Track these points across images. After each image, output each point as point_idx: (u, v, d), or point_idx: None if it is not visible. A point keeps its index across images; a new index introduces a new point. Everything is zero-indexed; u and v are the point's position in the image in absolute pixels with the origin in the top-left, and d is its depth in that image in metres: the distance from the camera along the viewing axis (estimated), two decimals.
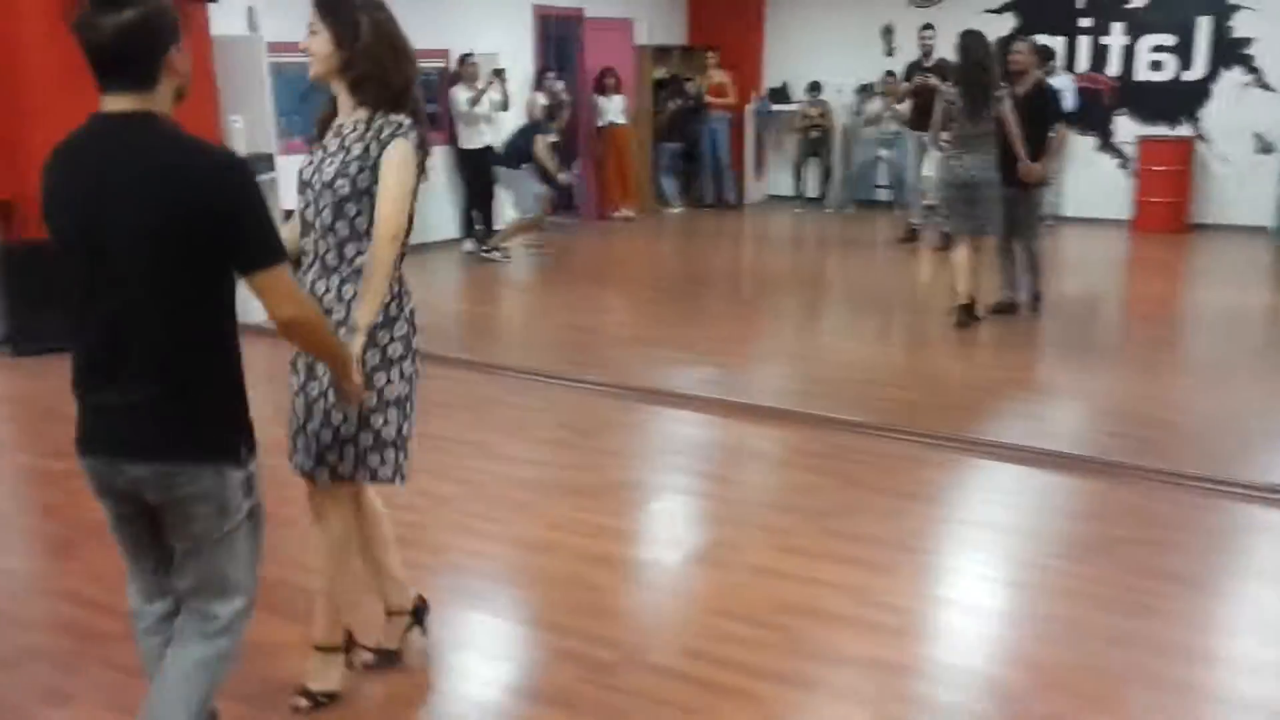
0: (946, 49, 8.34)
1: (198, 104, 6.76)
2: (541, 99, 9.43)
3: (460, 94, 9.07)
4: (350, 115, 2.56)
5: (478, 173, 9.32)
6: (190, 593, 2.15)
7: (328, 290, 2.55)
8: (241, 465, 2.10)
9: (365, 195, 2.51)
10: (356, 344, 2.42)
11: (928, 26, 9.45)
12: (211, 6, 6.94)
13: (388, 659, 2.92)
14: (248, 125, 7.14)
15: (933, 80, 8.68)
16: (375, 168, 2.49)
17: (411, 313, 2.65)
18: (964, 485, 4.25)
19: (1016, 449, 4.41)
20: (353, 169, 2.49)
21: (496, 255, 9.16)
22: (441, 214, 9.59)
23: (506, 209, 9.78)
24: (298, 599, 3.07)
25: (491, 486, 4.15)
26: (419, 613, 3.00)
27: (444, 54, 9.41)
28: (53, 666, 2.93)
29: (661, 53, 12.08)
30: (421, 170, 2.60)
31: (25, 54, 6.51)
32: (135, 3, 1.92)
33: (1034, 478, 4.23)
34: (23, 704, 2.78)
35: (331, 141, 2.56)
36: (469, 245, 9.41)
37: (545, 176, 9.22)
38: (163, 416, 2.01)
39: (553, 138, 9.36)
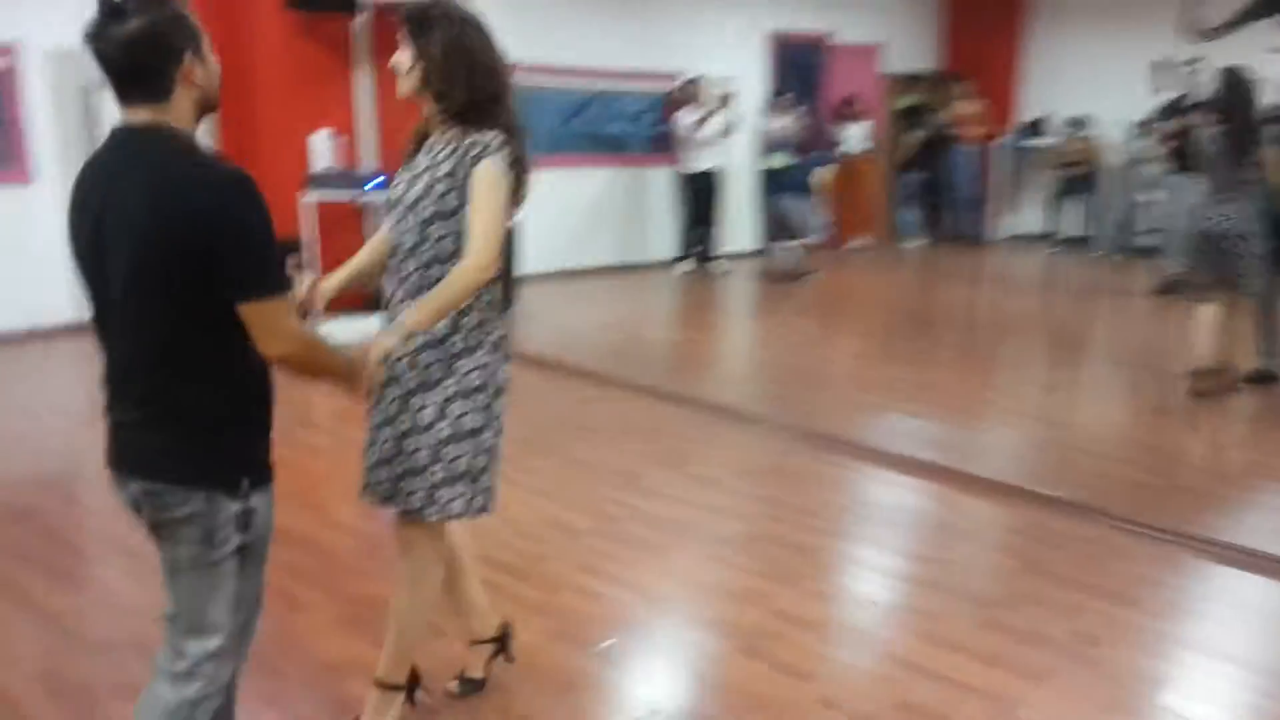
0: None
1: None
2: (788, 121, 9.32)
3: (685, 117, 8.94)
4: (442, 133, 2.39)
5: (700, 195, 9.16)
6: (170, 622, 1.99)
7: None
8: (238, 498, 1.92)
9: (451, 216, 2.32)
10: (392, 338, 2.20)
11: (1192, 61, 8.41)
12: None
13: (473, 687, 2.76)
14: None
15: (1196, 120, 7.70)
16: (463, 188, 2.30)
17: (499, 340, 2.43)
18: (1176, 589, 3.56)
19: (1252, 553, 3.68)
20: (439, 188, 2.32)
21: (724, 266, 9.23)
22: (661, 236, 9.51)
23: (731, 230, 9.60)
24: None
25: (628, 524, 3.88)
26: (504, 640, 2.80)
27: (673, 77, 9.35)
28: (138, 655, 2.90)
29: (909, 80, 11.51)
30: (517, 191, 2.40)
31: (256, 70, 6.90)
32: (143, 11, 1.79)
33: (1271, 592, 3.50)
34: (94, 689, 2.77)
35: (422, 159, 2.40)
36: (685, 267, 9.28)
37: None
38: (159, 435, 1.89)
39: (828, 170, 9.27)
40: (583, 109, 9.18)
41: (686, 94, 9.10)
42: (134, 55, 1.81)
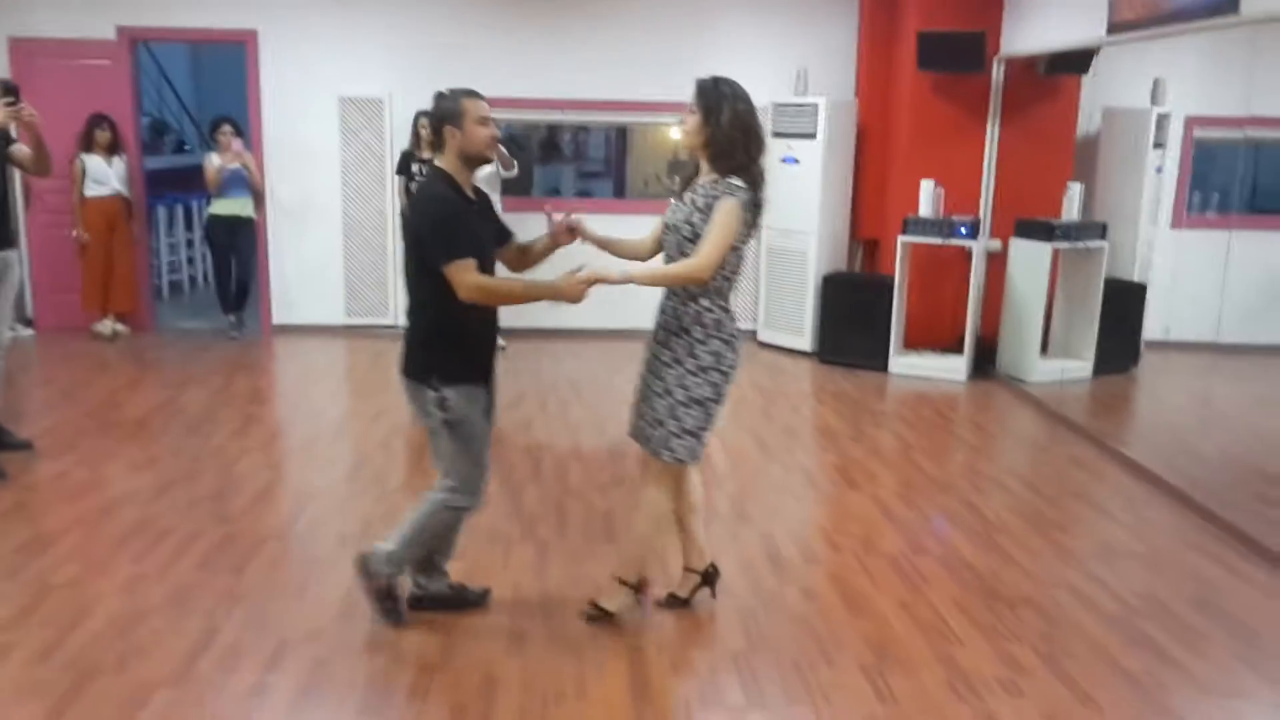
0: None
1: (1050, 169, 7.61)
2: None
3: None
4: (706, 176, 3.41)
5: None
6: None
7: (670, 309, 3.45)
8: (433, 388, 3.35)
9: (700, 239, 3.31)
10: (615, 270, 3.31)
11: None
12: (1116, 78, 7.68)
13: (677, 602, 3.83)
14: (1083, 195, 7.47)
15: None
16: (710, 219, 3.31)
17: (732, 335, 3.44)
18: None
19: None
20: (695, 218, 3.35)
21: None
22: None
23: None
24: None
25: None
26: (709, 576, 3.81)
27: None
28: None
29: None
30: (752, 227, 3.37)
31: (897, 121, 8.18)
32: (436, 99, 3.42)
33: None
34: None
35: (687, 195, 3.45)
36: None
37: None
38: (404, 347, 3.46)
39: None
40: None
41: None
42: (431, 124, 3.44)
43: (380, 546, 3.58)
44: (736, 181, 3.33)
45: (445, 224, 3.26)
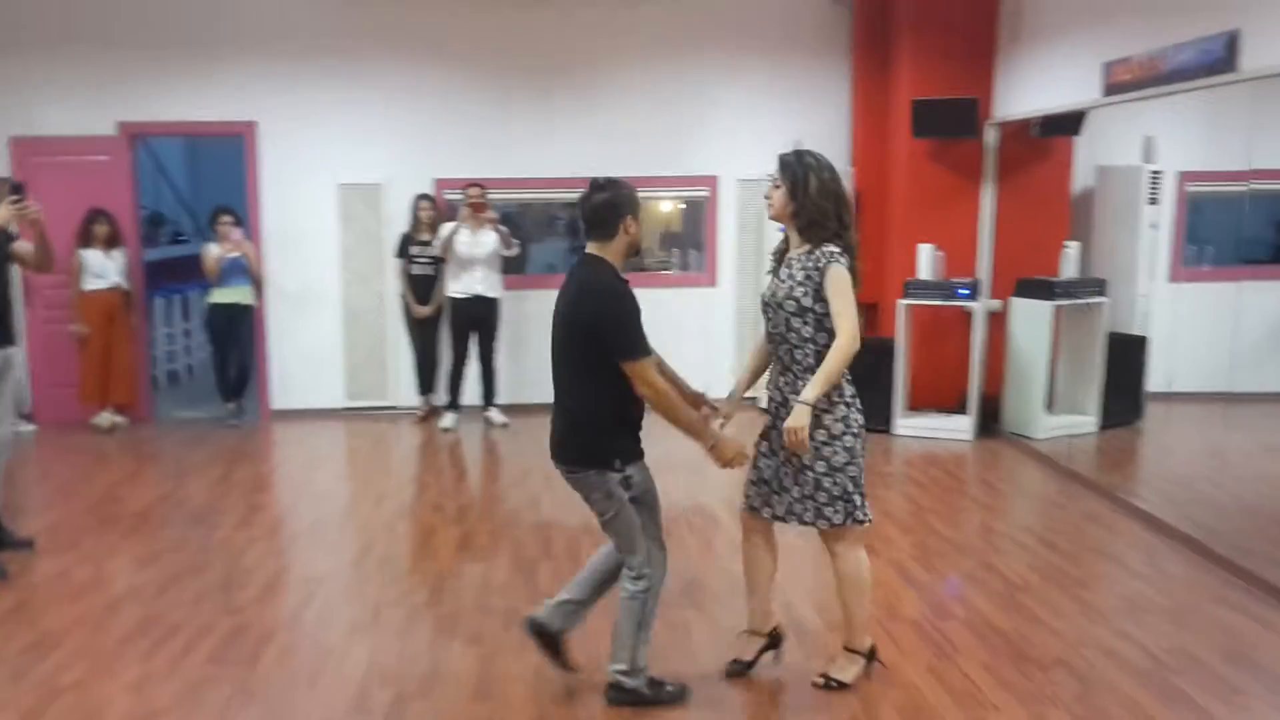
0: None
1: (1047, 229, 7.74)
2: None
3: None
4: (798, 249, 3.43)
5: None
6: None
7: (786, 384, 3.46)
8: (617, 470, 3.30)
9: (810, 311, 3.36)
10: (801, 413, 3.28)
11: None
12: (1109, 137, 7.73)
13: (740, 666, 3.78)
14: (1082, 252, 7.61)
15: None
16: (818, 289, 3.33)
17: (853, 396, 3.46)
18: None
19: None
20: (798, 291, 3.37)
21: None
22: None
23: None
24: None
25: None
26: (775, 638, 3.78)
27: None
28: None
29: None
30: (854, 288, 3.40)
31: (893, 187, 8.26)
32: (609, 189, 3.28)
33: None
34: None
35: (783, 271, 3.47)
36: None
37: None
38: (565, 437, 3.40)
39: None
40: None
41: None
42: (598, 213, 3.28)
43: (614, 669, 3.55)
44: (833, 249, 3.38)
45: (629, 321, 3.26)
